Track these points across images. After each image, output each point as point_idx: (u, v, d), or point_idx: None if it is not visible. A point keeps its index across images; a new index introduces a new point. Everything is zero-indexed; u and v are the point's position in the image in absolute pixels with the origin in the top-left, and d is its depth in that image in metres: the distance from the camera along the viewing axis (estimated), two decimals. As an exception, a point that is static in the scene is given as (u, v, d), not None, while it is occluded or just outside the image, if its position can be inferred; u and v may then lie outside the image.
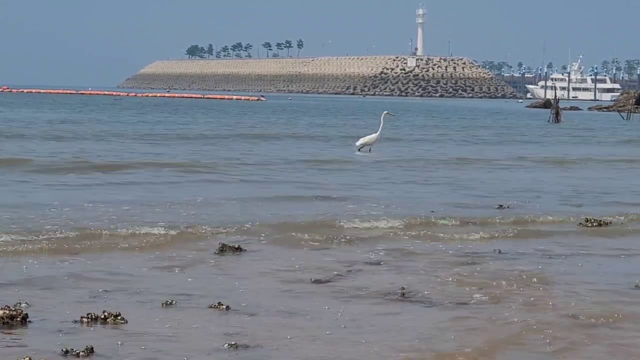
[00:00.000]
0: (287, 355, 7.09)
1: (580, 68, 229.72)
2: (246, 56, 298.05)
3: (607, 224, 14.37)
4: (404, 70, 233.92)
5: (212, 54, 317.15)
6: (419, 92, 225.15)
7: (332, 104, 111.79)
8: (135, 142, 32.27)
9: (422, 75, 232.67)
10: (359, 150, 29.08)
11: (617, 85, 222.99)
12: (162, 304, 8.45)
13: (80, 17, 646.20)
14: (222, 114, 66.97)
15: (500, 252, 11.77)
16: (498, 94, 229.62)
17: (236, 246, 11.40)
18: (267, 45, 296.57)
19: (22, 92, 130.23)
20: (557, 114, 65.24)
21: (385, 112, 30.80)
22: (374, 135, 29.53)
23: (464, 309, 8.64)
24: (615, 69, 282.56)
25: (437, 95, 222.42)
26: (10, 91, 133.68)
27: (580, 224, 14.39)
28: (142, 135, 36.57)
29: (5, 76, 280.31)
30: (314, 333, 7.67)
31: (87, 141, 31.88)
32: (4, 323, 7.62)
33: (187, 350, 7.08)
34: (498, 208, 16.06)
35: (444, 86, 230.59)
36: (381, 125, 29.68)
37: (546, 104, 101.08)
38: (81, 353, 6.87)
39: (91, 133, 36.72)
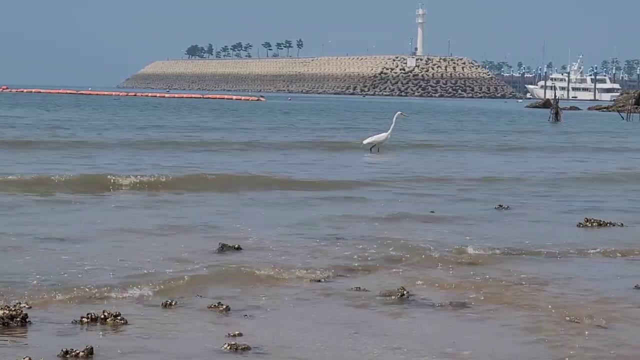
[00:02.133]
0: (288, 356, 7.08)
1: (580, 68, 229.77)
2: (246, 56, 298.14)
3: (606, 224, 14.37)
4: (404, 70, 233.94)
5: (211, 54, 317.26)
6: (418, 92, 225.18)
7: (343, 104, 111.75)
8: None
9: (422, 75, 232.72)
10: (370, 149, 29.10)
11: (616, 85, 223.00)
12: (162, 304, 8.45)
13: (79, 17, 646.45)
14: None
15: (499, 251, 11.77)
16: (498, 94, 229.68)
17: (236, 246, 11.39)
18: (267, 45, 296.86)
19: (22, 92, 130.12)
20: (556, 113, 65.30)
21: (398, 112, 30.74)
22: (383, 135, 29.57)
23: (464, 310, 8.63)
24: (615, 69, 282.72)
25: (436, 95, 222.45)
26: (10, 91, 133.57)
27: (580, 224, 14.39)
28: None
29: (4, 76, 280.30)
30: (314, 334, 7.66)
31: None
32: (3, 323, 7.62)
33: (187, 351, 7.08)
34: (497, 208, 16.08)
35: (444, 86, 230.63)
36: (392, 125, 29.61)
37: (546, 104, 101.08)
38: (81, 353, 6.86)
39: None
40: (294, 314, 8.32)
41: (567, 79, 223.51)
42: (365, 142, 29.42)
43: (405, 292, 9.15)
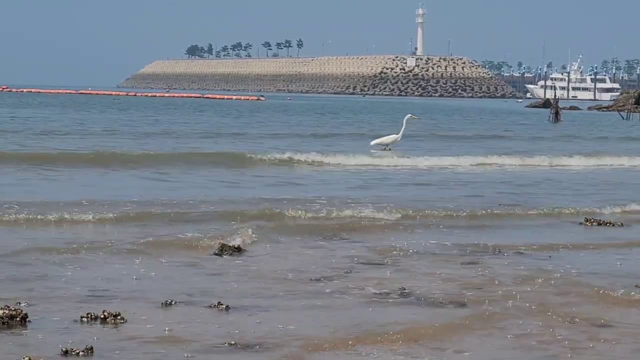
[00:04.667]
0: (287, 355, 7.08)
1: (579, 68, 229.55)
2: (246, 56, 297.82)
3: (606, 223, 14.39)
4: (404, 70, 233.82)
5: (211, 54, 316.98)
6: (418, 92, 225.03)
7: (351, 104, 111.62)
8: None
9: (422, 75, 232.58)
10: (385, 148, 29.75)
11: (616, 85, 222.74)
12: (162, 303, 8.45)
13: (79, 17, 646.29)
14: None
15: (499, 251, 11.77)
16: (498, 93, 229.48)
17: (236, 246, 11.40)
18: (267, 45, 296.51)
19: (22, 91, 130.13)
20: (556, 113, 65.33)
21: (409, 115, 31.59)
22: (392, 137, 30.55)
23: (464, 309, 8.63)
24: (615, 68, 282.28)
25: (436, 95, 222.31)
26: (10, 91, 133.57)
27: (580, 223, 14.40)
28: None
29: (4, 76, 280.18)
30: (314, 333, 7.66)
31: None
32: (3, 323, 7.62)
33: (186, 351, 7.08)
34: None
35: (444, 86, 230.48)
36: (403, 127, 30.56)
37: (545, 104, 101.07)
38: (81, 353, 6.87)
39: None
40: (294, 313, 8.32)
41: (567, 78, 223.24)
42: (373, 142, 30.70)
43: (404, 290, 9.15)
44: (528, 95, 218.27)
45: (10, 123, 42.00)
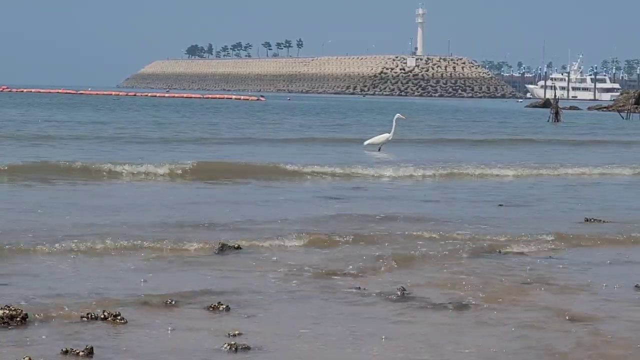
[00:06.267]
0: (287, 356, 7.08)
1: (579, 68, 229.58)
2: (246, 56, 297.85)
3: (606, 222, 14.40)
4: (404, 70, 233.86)
5: (211, 54, 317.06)
6: (418, 92, 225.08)
7: (360, 104, 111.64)
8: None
9: (422, 75, 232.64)
10: (380, 149, 30.16)
11: (616, 85, 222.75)
12: (162, 304, 8.45)
13: (79, 17, 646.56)
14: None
15: (500, 252, 11.76)
16: (498, 93, 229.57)
17: (236, 245, 11.39)
18: (267, 45, 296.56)
19: (22, 91, 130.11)
20: (556, 113, 65.37)
21: (397, 115, 32.13)
22: (385, 136, 31.27)
23: (464, 309, 8.63)
24: (615, 68, 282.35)
25: (436, 95, 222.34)
26: (10, 91, 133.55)
27: (579, 223, 14.40)
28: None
29: (4, 76, 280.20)
30: (314, 334, 7.66)
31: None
32: (4, 323, 7.62)
33: (186, 351, 7.08)
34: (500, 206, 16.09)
35: (444, 86, 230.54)
36: (393, 127, 31.19)
37: (545, 104, 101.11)
38: (81, 353, 6.87)
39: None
40: (294, 314, 8.32)
41: (567, 78, 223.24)
42: (366, 143, 31.32)
43: (405, 290, 9.15)
44: (528, 95, 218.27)
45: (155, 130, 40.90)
